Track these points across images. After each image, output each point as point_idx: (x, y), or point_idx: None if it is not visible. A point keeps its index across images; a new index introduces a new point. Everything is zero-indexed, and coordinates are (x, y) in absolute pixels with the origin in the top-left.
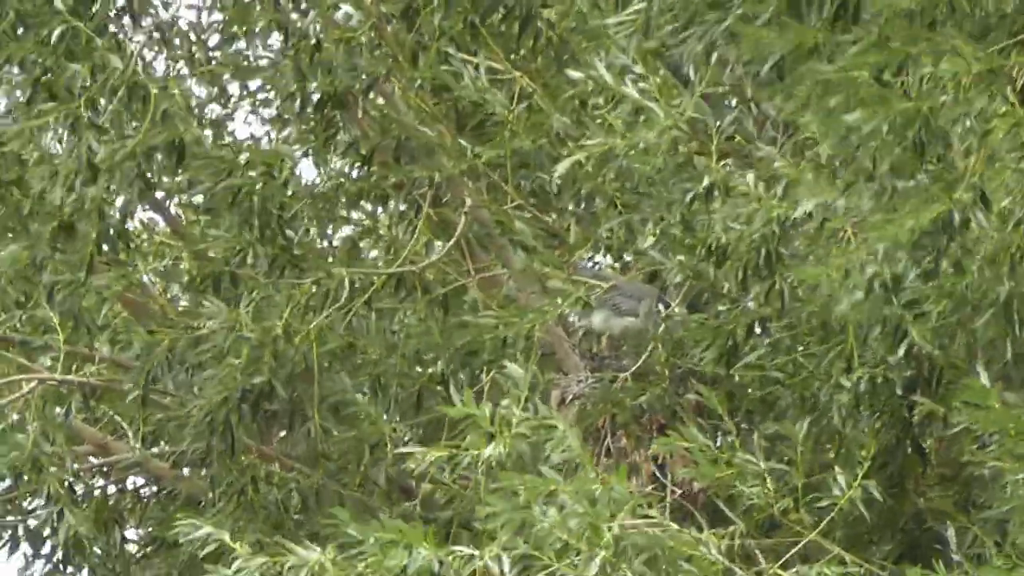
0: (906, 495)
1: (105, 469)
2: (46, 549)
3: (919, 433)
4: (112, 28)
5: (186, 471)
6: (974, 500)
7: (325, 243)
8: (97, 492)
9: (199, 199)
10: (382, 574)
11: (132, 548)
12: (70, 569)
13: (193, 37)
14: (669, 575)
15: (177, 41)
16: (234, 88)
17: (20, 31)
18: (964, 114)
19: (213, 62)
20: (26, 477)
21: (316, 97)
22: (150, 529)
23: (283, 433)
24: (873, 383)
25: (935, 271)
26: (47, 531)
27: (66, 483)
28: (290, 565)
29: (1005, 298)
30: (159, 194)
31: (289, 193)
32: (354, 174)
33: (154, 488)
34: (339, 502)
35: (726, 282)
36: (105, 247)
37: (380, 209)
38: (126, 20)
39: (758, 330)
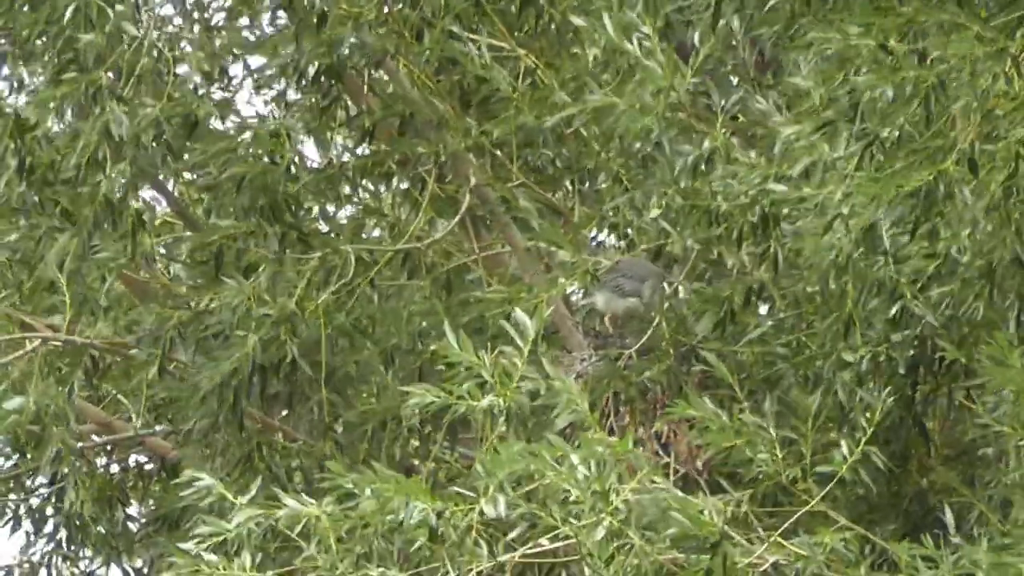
0: (909, 474)
1: (108, 447)
2: (48, 528)
3: (922, 412)
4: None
5: (186, 450)
6: (979, 477)
7: (326, 223)
8: (100, 471)
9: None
10: (377, 526)
11: (134, 527)
12: (72, 548)
13: (196, 15)
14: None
15: (179, 20)
16: (236, 69)
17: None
18: (967, 90)
19: (216, 41)
20: (24, 439)
21: (313, 70)
22: (152, 507)
23: (284, 412)
24: (876, 361)
25: (912, 235)
26: (49, 510)
27: (71, 446)
28: (283, 516)
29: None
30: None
31: (293, 172)
32: (357, 151)
33: (157, 466)
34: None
35: (727, 252)
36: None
37: (383, 187)
38: None
39: (758, 301)
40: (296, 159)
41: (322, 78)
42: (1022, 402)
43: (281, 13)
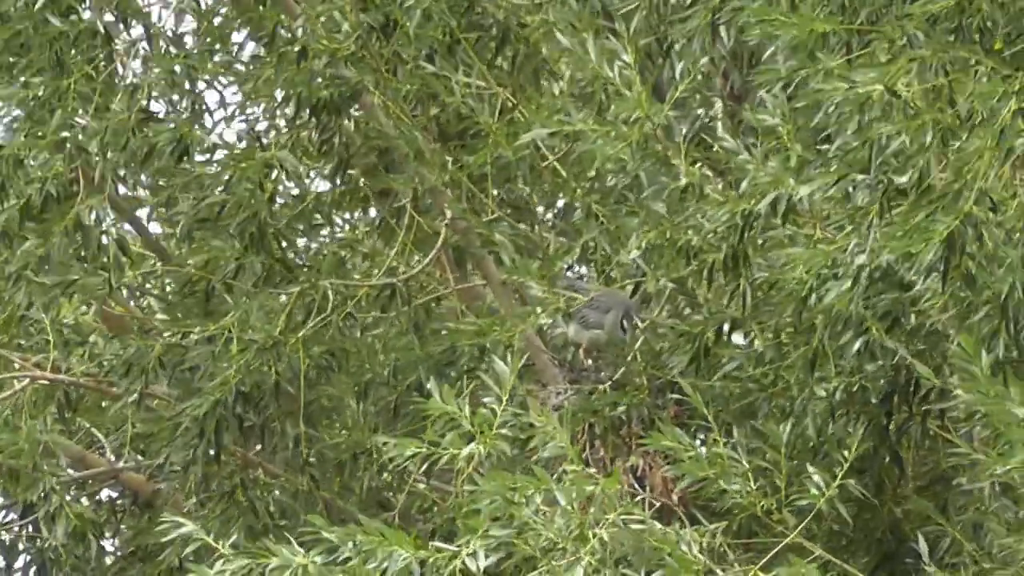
0: (883, 504)
1: (81, 482)
2: (20, 563)
3: (896, 441)
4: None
5: (163, 486)
6: (952, 505)
7: (304, 255)
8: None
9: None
10: None
11: (108, 560)
12: None
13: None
14: (651, 572)
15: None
16: (209, 99)
17: None
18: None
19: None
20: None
21: (311, 103)
22: (127, 541)
23: (259, 447)
24: (848, 392)
25: (943, 280)
26: (21, 544)
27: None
28: (272, 567)
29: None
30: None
31: (278, 203)
32: (330, 185)
33: (129, 501)
34: (322, 509)
35: (698, 287)
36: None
37: (359, 217)
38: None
39: (730, 335)
40: (280, 190)
41: (321, 115)
42: (993, 416)
43: (253, 46)
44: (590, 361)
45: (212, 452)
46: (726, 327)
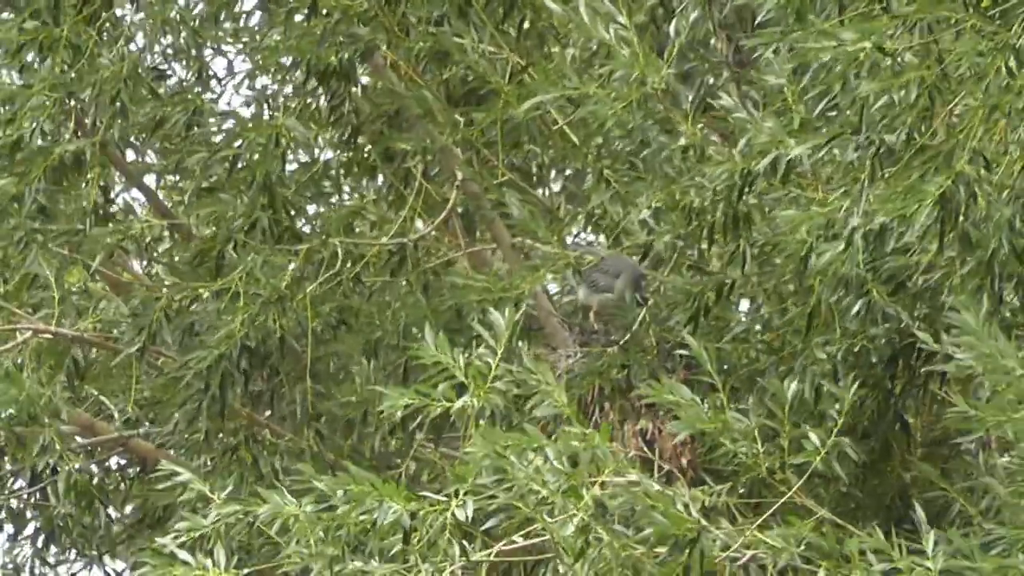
0: (892, 469)
1: (89, 449)
2: (29, 530)
3: (901, 405)
4: None
5: (172, 452)
6: (957, 470)
7: (311, 222)
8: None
9: (189, 180)
10: (351, 528)
11: (117, 528)
12: (54, 549)
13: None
14: (641, 530)
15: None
16: (217, 66)
17: None
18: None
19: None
20: (5, 441)
21: (319, 69)
22: (135, 508)
23: (268, 413)
24: (851, 354)
25: (940, 242)
26: (29, 512)
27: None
28: (262, 513)
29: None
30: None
31: (288, 167)
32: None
33: (138, 468)
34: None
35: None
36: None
37: (366, 184)
38: None
39: (730, 296)
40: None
41: (330, 80)
42: (988, 372)
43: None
44: (600, 324)
45: (216, 405)
46: (726, 288)
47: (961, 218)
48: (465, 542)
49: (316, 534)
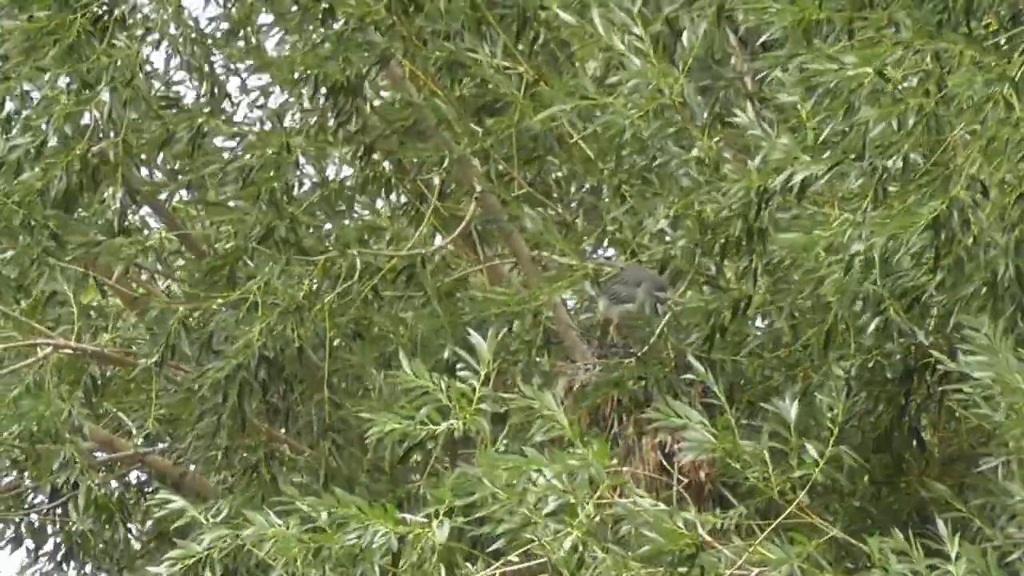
0: (908, 484)
1: (109, 465)
2: (49, 546)
3: (916, 421)
4: None
5: (191, 468)
6: (973, 486)
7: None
8: (101, 488)
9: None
10: (337, 551)
11: (137, 544)
12: (73, 564)
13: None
14: (637, 548)
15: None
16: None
17: None
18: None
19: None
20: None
21: (327, 84)
22: (154, 523)
23: (283, 430)
24: (865, 370)
25: (935, 265)
26: (49, 528)
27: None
28: (247, 535)
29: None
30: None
31: (298, 183)
32: (356, 167)
33: (157, 484)
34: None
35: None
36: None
37: (381, 202)
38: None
39: (745, 313)
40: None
41: (338, 96)
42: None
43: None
44: (619, 338)
45: (237, 420)
46: (742, 305)
47: (957, 242)
48: (468, 563)
49: (303, 556)
